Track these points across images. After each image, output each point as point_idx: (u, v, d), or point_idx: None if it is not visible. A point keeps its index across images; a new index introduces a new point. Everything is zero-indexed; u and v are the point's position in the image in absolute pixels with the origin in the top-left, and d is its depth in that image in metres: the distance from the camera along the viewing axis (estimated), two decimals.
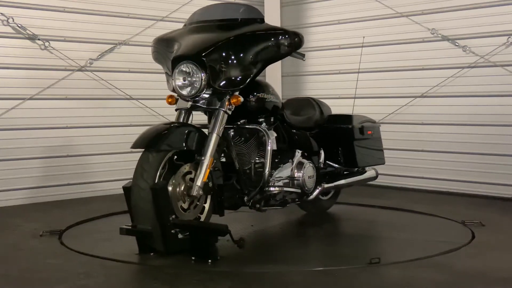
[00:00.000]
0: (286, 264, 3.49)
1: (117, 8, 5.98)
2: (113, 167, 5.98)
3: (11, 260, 3.60)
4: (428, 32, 6.02)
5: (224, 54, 3.71)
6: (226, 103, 3.73)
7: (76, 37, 5.72)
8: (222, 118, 3.71)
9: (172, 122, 3.75)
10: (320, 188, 4.41)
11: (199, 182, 3.55)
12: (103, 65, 5.90)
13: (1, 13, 5.27)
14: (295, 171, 4.22)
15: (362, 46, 5.44)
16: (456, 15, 5.84)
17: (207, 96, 3.74)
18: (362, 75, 6.57)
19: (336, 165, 4.71)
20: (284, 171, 4.18)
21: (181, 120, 3.85)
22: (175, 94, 3.88)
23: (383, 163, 5.08)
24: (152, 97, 6.20)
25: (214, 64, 3.66)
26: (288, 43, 3.90)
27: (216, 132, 3.66)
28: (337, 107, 6.71)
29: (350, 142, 4.68)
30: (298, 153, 4.30)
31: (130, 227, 3.55)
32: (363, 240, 4.14)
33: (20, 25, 5.36)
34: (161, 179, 3.49)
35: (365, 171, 4.91)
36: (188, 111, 3.88)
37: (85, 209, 5.09)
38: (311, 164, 4.34)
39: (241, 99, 3.75)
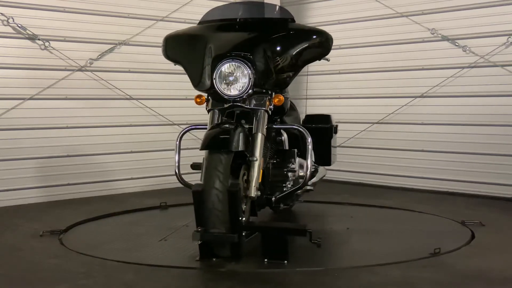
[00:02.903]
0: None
1: (117, 8, 5.97)
2: (113, 167, 5.98)
3: (11, 260, 3.60)
4: (428, 32, 6.02)
5: (271, 53, 3.67)
6: (267, 103, 3.69)
7: (76, 37, 5.72)
8: (264, 117, 3.67)
9: (226, 123, 3.65)
10: None
11: (256, 183, 3.50)
12: (103, 65, 5.89)
13: (1, 13, 5.27)
14: (300, 170, 4.23)
15: None
16: (456, 15, 5.84)
17: (248, 95, 3.66)
18: (362, 75, 6.61)
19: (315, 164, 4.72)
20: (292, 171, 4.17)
21: (215, 121, 3.73)
22: (205, 94, 3.79)
23: (335, 161, 5.08)
24: (152, 97, 6.21)
25: (261, 63, 3.62)
26: (325, 43, 3.87)
27: (261, 132, 3.62)
28: (337, 107, 6.75)
29: (328, 141, 4.68)
30: (295, 152, 4.29)
31: (205, 232, 3.36)
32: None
33: (20, 25, 5.36)
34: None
35: (318, 169, 4.88)
36: (222, 112, 3.76)
37: (85, 209, 5.09)
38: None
39: (283, 98, 3.72)
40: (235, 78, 3.59)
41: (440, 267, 3.35)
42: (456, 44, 5.84)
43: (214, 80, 3.62)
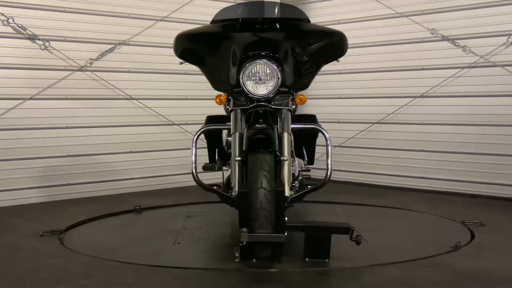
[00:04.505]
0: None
1: (117, 8, 5.98)
2: (113, 167, 5.98)
3: (11, 260, 3.60)
4: (428, 32, 6.02)
5: (296, 53, 3.69)
6: (290, 102, 3.70)
7: (76, 37, 5.72)
8: (289, 117, 3.67)
9: (259, 123, 3.62)
10: None
11: (288, 183, 3.49)
12: (103, 65, 5.90)
13: (1, 13, 5.27)
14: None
15: None
16: (456, 15, 5.84)
17: (274, 95, 3.65)
18: (362, 75, 6.60)
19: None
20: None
21: (239, 121, 3.67)
22: (224, 94, 3.75)
23: None
24: (152, 97, 6.21)
25: (287, 63, 3.64)
26: (342, 44, 3.89)
27: (287, 132, 3.61)
28: (337, 107, 6.75)
29: (314, 141, 4.68)
30: (293, 152, 4.28)
31: (251, 232, 3.28)
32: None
33: (20, 25, 5.36)
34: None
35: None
36: (244, 112, 3.71)
37: (85, 209, 5.09)
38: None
39: (305, 98, 3.72)
40: (264, 78, 3.59)
41: (440, 267, 3.35)
42: (456, 44, 5.84)
43: (241, 80, 3.60)
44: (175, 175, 6.32)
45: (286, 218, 3.40)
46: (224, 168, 4.34)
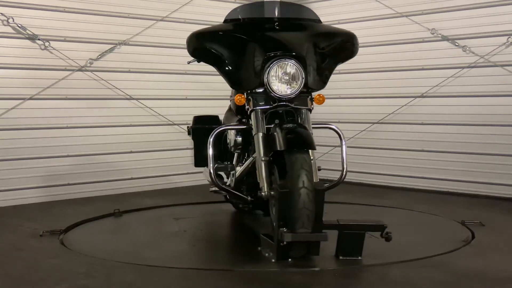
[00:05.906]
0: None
1: (117, 8, 5.97)
2: (113, 167, 5.98)
3: (11, 260, 3.60)
4: (428, 32, 6.02)
5: (317, 52, 3.73)
6: (309, 102, 3.72)
7: (76, 37, 5.72)
8: (309, 116, 3.69)
9: (291, 122, 3.62)
10: None
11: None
12: (103, 65, 5.89)
13: (1, 13, 5.27)
14: None
15: None
16: (456, 15, 5.85)
17: (297, 95, 3.66)
18: (362, 75, 6.60)
19: None
20: None
21: (260, 120, 3.64)
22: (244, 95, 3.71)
23: None
24: (152, 97, 6.21)
25: (310, 63, 3.67)
26: (352, 44, 3.95)
27: (309, 131, 3.61)
28: (337, 107, 6.75)
29: None
30: None
31: (292, 232, 3.27)
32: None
33: (20, 25, 5.36)
34: None
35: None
36: (263, 112, 3.68)
37: (85, 209, 5.09)
38: None
39: (324, 98, 3.76)
40: (290, 78, 3.60)
41: (440, 267, 3.35)
42: (456, 44, 5.84)
43: (265, 79, 3.59)
44: (175, 175, 6.33)
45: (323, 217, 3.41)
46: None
